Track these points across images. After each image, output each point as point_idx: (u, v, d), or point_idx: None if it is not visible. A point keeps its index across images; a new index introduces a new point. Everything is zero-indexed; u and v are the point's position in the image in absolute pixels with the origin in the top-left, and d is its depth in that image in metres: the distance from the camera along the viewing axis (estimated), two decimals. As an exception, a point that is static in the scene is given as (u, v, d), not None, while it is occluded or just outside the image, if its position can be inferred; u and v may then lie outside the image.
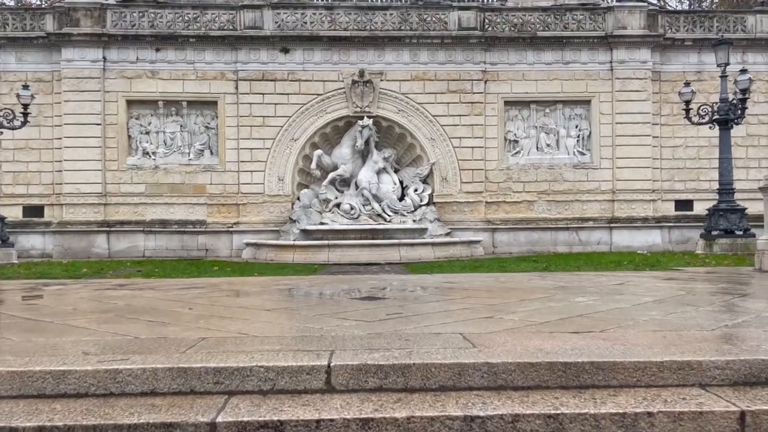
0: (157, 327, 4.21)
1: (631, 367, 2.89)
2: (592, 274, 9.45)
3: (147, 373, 2.83)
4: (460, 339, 3.55)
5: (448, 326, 4.10)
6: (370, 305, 5.52)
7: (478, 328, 4.02)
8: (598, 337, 3.59)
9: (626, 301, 5.69)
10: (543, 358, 2.94)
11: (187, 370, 2.84)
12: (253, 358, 2.98)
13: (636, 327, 4.00)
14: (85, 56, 18.77)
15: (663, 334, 3.68)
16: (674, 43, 19.70)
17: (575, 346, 3.27)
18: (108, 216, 18.93)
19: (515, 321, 4.36)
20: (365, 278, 9.30)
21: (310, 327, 4.12)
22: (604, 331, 3.83)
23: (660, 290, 6.76)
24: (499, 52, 19.46)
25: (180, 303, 5.94)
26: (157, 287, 7.98)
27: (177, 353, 3.14)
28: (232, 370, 2.85)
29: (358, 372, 2.87)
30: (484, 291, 6.89)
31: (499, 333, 3.78)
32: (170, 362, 2.92)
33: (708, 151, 19.71)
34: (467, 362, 2.90)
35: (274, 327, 4.15)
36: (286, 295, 6.69)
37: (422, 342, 3.45)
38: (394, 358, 2.96)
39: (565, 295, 6.26)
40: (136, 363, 2.91)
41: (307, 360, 2.96)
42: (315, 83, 19.05)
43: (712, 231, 15.42)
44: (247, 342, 3.51)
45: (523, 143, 19.71)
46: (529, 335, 3.68)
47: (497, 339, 3.54)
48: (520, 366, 2.88)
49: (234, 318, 4.70)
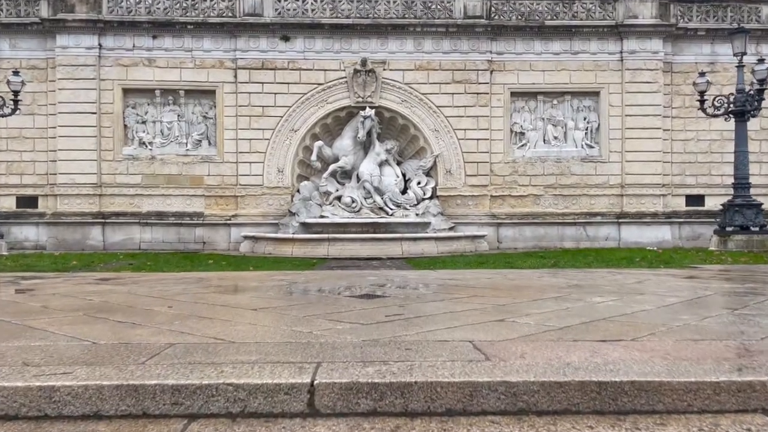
0: (125, 329, 3.70)
1: (681, 388, 2.37)
2: (605, 272, 8.92)
3: (90, 392, 2.32)
4: (470, 348, 3.04)
5: (455, 331, 3.59)
6: (367, 305, 5.01)
7: (490, 334, 3.50)
8: (631, 347, 3.07)
9: (650, 302, 5.16)
10: (572, 376, 2.42)
11: (140, 388, 2.33)
12: (222, 373, 2.47)
13: (671, 334, 3.47)
14: (80, 43, 18.26)
15: (707, 345, 3.16)
16: (686, 33, 19.10)
17: (607, 359, 2.76)
18: (103, 207, 18.45)
19: (531, 325, 3.84)
20: (365, 274, 8.79)
21: (297, 331, 3.61)
22: (636, 339, 3.31)
23: (683, 290, 6.23)
24: (505, 42, 18.88)
25: (161, 300, 5.44)
26: (142, 282, 7.48)
27: (133, 365, 2.64)
28: (194, 388, 2.34)
29: (347, 392, 2.36)
30: (492, 289, 6.37)
31: (515, 341, 3.26)
32: (121, 377, 2.41)
33: (720, 145, 19.16)
34: (480, 381, 2.38)
35: (257, 330, 3.64)
36: (278, 292, 6.19)
37: (425, 352, 2.94)
38: (392, 374, 2.45)
39: (581, 295, 5.74)
40: (79, 378, 2.40)
41: (287, 375, 2.45)
42: (316, 72, 18.51)
43: (726, 227, 14.84)
44: (221, 350, 3.00)
45: (529, 135, 19.16)
46: (549, 344, 3.16)
47: (513, 349, 3.02)
48: (544, 386, 2.37)
49: (215, 319, 4.19)
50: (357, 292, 6.20)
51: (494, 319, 4.16)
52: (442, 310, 4.64)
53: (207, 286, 6.85)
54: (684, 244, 18.56)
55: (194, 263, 12.26)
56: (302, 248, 15.34)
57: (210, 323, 3.97)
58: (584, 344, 3.15)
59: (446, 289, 6.51)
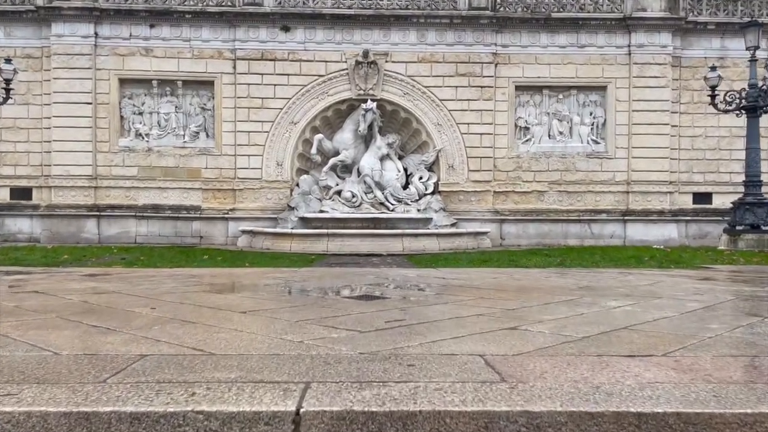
0: (95, 336, 3.33)
1: (736, 421, 1.99)
2: (616, 272, 8.54)
3: (33, 421, 1.95)
4: (482, 365, 2.67)
5: (463, 342, 3.22)
6: (366, 308, 4.64)
7: (502, 346, 3.13)
8: (664, 364, 2.70)
9: (670, 307, 4.79)
10: (605, 405, 2.05)
11: (92, 417, 1.96)
12: (192, 396, 2.10)
13: (705, 349, 3.10)
14: (75, 31, 17.87)
15: (750, 363, 2.79)
16: (696, 27, 18.68)
17: (641, 380, 2.39)
18: (98, 200, 18.10)
19: (546, 335, 3.47)
20: (364, 272, 8.42)
21: (287, 340, 3.24)
22: (667, 354, 2.93)
23: (702, 293, 5.86)
24: (511, 34, 18.48)
25: (145, 300, 5.07)
26: (131, 278, 7.12)
27: (92, 384, 2.27)
28: (157, 416, 1.96)
29: (339, 422, 1.98)
30: (499, 291, 6.00)
31: (531, 355, 2.89)
32: (72, 402, 2.03)
33: (729, 142, 18.78)
34: (497, 410, 2.01)
35: (242, 339, 3.27)
36: (271, 293, 5.82)
37: (431, 369, 2.57)
38: (393, 401, 2.08)
39: (594, 298, 5.37)
40: (23, 402, 2.03)
41: (268, 401, 2.07)
42: (317, 64, 18.11)
43: (736, 226, 14.45)
44: (197, 365, 2.63)
45: (534, 130, 18.78)
46: (571, 360, 2.79)
47: (531, 366, 2.65)
48: (573, 417, 1.99)
49: (198, 323, 3.82)
50: (355, 293, 5.83)
51: (505, 326, 3.79)
52: (447, 316, 4.26)
53: (197, 285, 6.48)
54: (691, 243, 18.19)
55: (189, 258, 11.89)
56: (301, 243, 14.97)
57: (192, 329, 3.60)
58: (611, 360, 2.78)
59: (450, 290, 6.14)
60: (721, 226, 16.89)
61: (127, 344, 3.09)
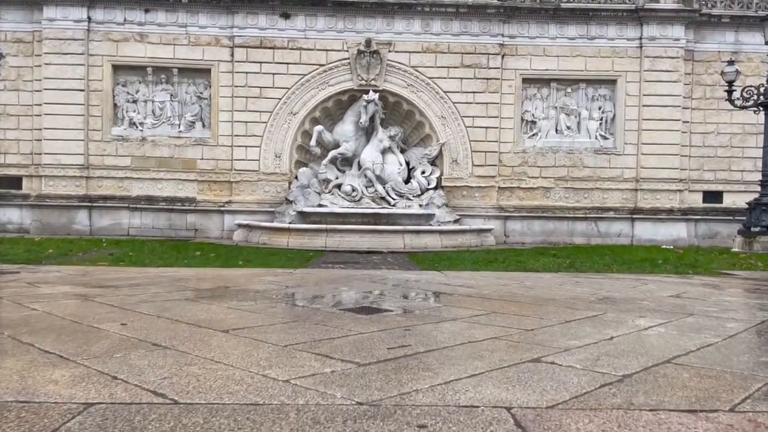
0: (41, 370, 2.77)
1: None
2: (633, 278, 7.99)
3: None
4: (511, 425, 2.12)
5: (483, 384, 2.67)
6: (366, 325, 4.09)
7: (530, 391, 2.58)
8: (738, 427, 2.16)
9: (708, 329, 4.24)
10: None
11: None
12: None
13: (777, 398, 2.55)
14: (68, 15, 17.26)
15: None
16: (710, 20, 18.06)
17: (721, 459, 1.84)
18: (90, 190, 17.54)
19: (578, 372, 2.92)
20: (364, 276, 7.86)
21: (271, 378, 2.70)
22: (734, 410, 2.38)
23: (736, 309, 5.31)
24: (518, 25, 17.86)
25: (118, 312, 4.52)
26: (111, 280, 6.57)
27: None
28: None
29: None
30: (511, 303, 5.46)
31: (569, 409, 2.34)
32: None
33: (741, 139, 18.23)
34: None
35: (217, 376, 2.72)
36: (261, 302, 5.27)
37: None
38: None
39: (619, 314, 4.82)
40: None
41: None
42: (317, 53, 17.51)
43: (752, 227, 13.90)
44: (151, 424, 2.08)
45: (541, 125, 18.20)
46: (620, 417, 2.24)
47: (572, 427, 2.10)
48: None
49: (169, 349, 3.27)
50: (353, 303, 5.29)
51: (527, 357, 3.24)
52: (458, 339, 3.71)
53: (181, 290, 5.94)
54: (700, 243, 17.66)
55: (180, 254, 11.34)
56: (299, 239, 14.43)
57: (160, 359, 3.05)
58: (670, 420, 2.23)
59: (458, 302, 5.59)
60: (732, 226, 16.37)
61: (75, 384, 2.54)
